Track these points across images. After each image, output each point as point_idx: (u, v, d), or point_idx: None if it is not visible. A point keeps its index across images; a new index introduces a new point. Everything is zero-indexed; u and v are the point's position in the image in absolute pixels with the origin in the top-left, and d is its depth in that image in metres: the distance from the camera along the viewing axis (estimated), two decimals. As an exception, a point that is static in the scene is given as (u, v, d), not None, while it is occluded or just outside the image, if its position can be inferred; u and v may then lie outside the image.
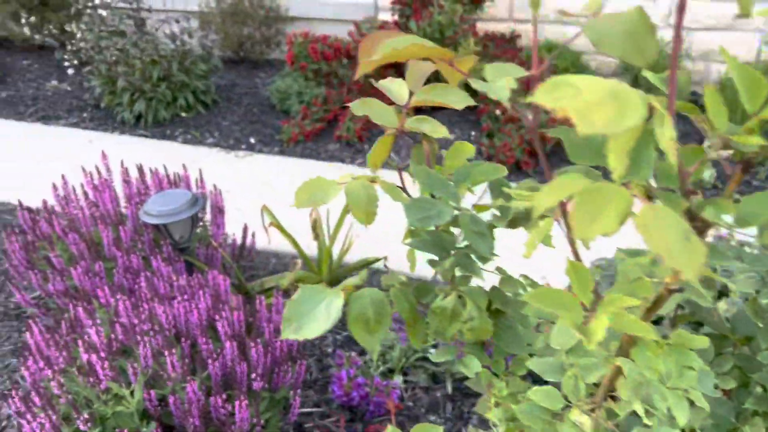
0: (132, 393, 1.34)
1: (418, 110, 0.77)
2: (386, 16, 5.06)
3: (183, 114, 4.30)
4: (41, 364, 1.35)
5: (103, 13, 3.88)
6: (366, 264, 2.13)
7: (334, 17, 5.40)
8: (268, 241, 2.10)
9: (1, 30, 5.70)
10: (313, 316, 0.61)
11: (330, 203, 0.69)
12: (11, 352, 1.96)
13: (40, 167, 3.61)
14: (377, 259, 2.09)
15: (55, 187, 1.92)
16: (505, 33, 4.80)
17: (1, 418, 1.73)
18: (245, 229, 2.08)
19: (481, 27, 4.67)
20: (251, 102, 4.57)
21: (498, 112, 3.78)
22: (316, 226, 2.09)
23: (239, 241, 2.11)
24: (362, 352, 1.93)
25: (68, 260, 1.85)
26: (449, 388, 1.82)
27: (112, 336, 1.37)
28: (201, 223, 1.99)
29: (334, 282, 2.29)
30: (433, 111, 4.29)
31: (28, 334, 1.41)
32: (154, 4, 4.55)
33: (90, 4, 4.27)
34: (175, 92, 4.19)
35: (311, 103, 4.19)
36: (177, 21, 3.97)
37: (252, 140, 4.03)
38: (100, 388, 1.31)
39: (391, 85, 0.75)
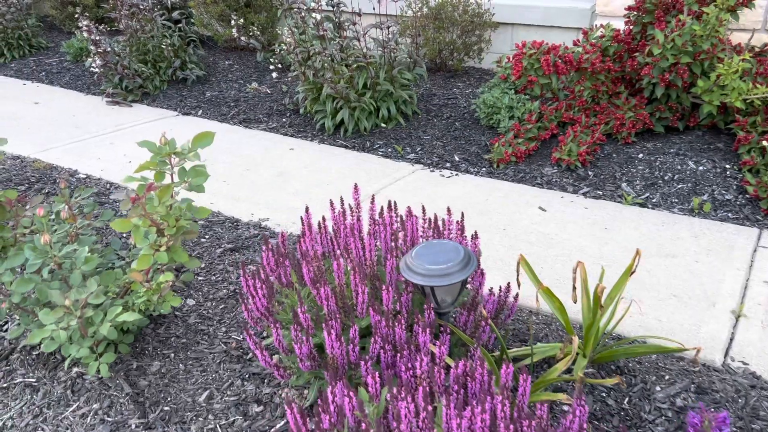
0: None
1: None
2: (603, 22, 4.48)
3: (383, 125, 4.04)
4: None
5: (317, 16, 3.72)
6: (659, 351, 1.64)
7: (542, 23, 4.91)
8: (537, 308, 1.69)
9: (207, 30, 5.88)
10: None
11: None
12: (235, 406, 1.73)
13: (246, 175, 3.51)
14: (681, 349, 1.59)
15: (308, 226, 1.65)
16: (755, 45, 4.02)
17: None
18: (507, 289, 1.68)
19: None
20: (452, 114, 4.22)
21: (765, 143, 3.08)
22: (597, 293, 1.64)
23: (495, 298, 1.71)
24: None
25: (310, 310, 1.56)
26: None
27: (401, 458, 1.03)
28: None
29: (599, 363, 1.82)
30: (668, 132, 3.65)
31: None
32: (364, 8, 4.34)
33: (295, 7, 4.16)
34: (378, 102, 3.94)
35: (524, 119, 3.74)
36: (389, 27, 3.70)
37: (456, 158, 3.67)
38: None
39: None
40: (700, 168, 3.25)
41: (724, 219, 2.86)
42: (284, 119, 4.36)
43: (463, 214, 1.74)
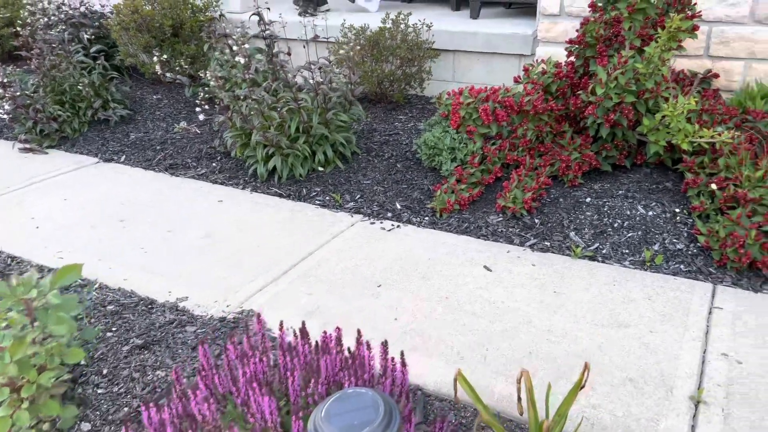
0: None
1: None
2: (548, 51, 4.34)
3: (320, 169, 3.79)
4: None
5: (241, 60, 3.43)
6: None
7: (484, 50, 4.74)
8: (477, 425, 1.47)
9: (133, 60, 5.51)
10: None
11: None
12: None
13: (168, 239, 3.20)
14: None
15: (201, 370, 1.38)
16: (697, 72, 3.93)
17: None
18: (442, 424, 1.45)
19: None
20: (393, 154, 4.00)
21: (714, 186, 2.95)
22: (543, 429, 1.44)
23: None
24: None
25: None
26: None
27: None
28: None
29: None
30: (615, 170, 3.49)
31: None
32: (296, 36, 4.08)
33: (224, 39, 3.87)
34: (314, 146, 3.69)
35: (466, 162, 3.54)
36: (320, 68, 3.45)
37: (398, 206, 3.44)
38: None
39: None
40: (650, 213, 3.10)
41: (677, 272, 2.71)
42: (214, 164, 4.07)
43: (386, 342, 1.50)
